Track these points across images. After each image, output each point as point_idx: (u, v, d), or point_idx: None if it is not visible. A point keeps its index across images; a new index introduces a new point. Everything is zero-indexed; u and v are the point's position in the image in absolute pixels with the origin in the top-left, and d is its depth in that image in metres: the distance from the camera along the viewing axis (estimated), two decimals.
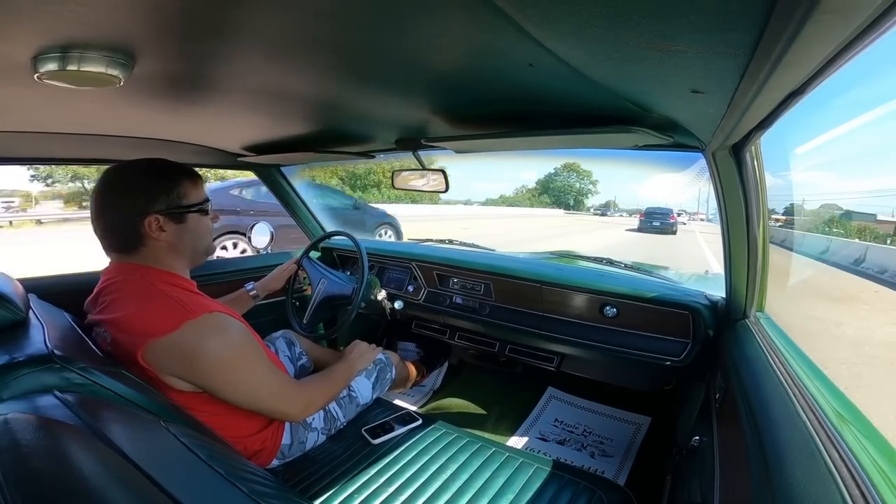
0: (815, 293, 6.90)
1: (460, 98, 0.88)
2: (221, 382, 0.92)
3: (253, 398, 0.97)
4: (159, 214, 0.94)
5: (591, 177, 51.76)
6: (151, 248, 0.95)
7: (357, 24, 0.52)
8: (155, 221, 0.93)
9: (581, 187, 52.49)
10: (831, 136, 55.97)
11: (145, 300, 0.90)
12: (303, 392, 1.06)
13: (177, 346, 0.86)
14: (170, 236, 0.96)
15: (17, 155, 1.29)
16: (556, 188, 51.99)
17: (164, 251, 0.96)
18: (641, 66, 0.55)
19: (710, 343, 1.28)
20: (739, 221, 0.98)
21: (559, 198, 49.66)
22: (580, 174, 51.44)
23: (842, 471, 0.47)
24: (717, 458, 0.82)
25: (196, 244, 1.02)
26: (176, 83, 0.79)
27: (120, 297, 0.92)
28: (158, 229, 0.94)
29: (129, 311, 0.89)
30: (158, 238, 0.94)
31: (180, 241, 0.98)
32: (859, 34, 0.36)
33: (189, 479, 0.59)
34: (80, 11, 0.48)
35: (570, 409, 1.86)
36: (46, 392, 0.62)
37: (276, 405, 1.01)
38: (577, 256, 1.91)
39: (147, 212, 0.93)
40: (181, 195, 0.97)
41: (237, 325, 0.96)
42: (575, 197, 51.73)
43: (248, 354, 0.96)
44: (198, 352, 0.87)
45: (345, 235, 1.69)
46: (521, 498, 1.00)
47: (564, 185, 51.92)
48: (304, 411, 1.07)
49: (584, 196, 52.34)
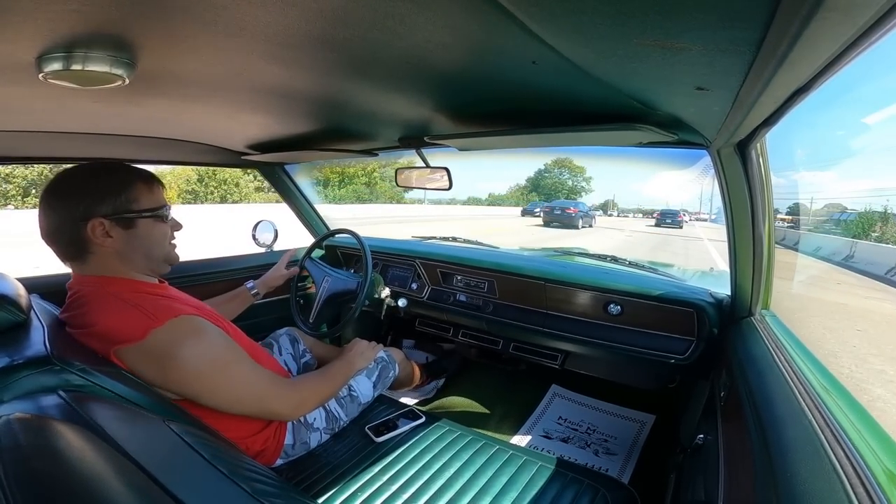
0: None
1: (463, 96, 0.88)
2: (200, 389, 0.88)
3: (236, 402, 0.93)
4: (104, 218, 0.87)
5: (584, 173, 49.71)
6: (100, 256, 0.89)
7: (360, 21, 0.52)
8: (100, 226, 0.87)
9: (574, 185, 50.23)
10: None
11: (108, 311, 0.85)
12: (293, 390, 1.04)
13: (146, 357, 0.82)
14: (116, 243, 0.89)
15: (21, 154, 1.29)
16: (546, 186, 49.88)
17: (113, 259, 0.90)
18: (645, 63, 0.54)
19: (715, 341, 1.27)
20: (745, 219, 0.97)
21: (550, 196, 47.35)
22: (573, 170, 49.47)
23: (846, 469, 0.47)
24: (722, 456, 0.82)
25: (149, 252, 0.94)
26: (179, 82, 0.79)
27: (84, 311, 0.86)
28: (104, 235, 0.87)
29: (96, 325, 0.83)
30: (104, 244, 0.88)
31: (129, 248, 0.91)
32: (865, 32, 0.35)
33: (192, 478, 0.59)
34: (83, 11, 0.49)
35: (574, 406, 1.86)
36: (48, 392, 0.62)
37: (265, 406, 0.98)
38: (580, 254, 1.90)
39: (89, 215, 0.86)
40: (131, 199, 0.90)
41: (209, 328, 0.92)
42: (567, 195, 49.09)
43: (226, 357, 0.92)
44: (169, 359, 0.84)
45: (348, 233, 1.70)
46: (524, 496, 1.00)
47: (556, 182, 49.94)
48: (297, 410, 1.04)
49: (577, 194, 49.75)
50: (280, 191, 1.99)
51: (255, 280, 1.54)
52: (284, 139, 1.41)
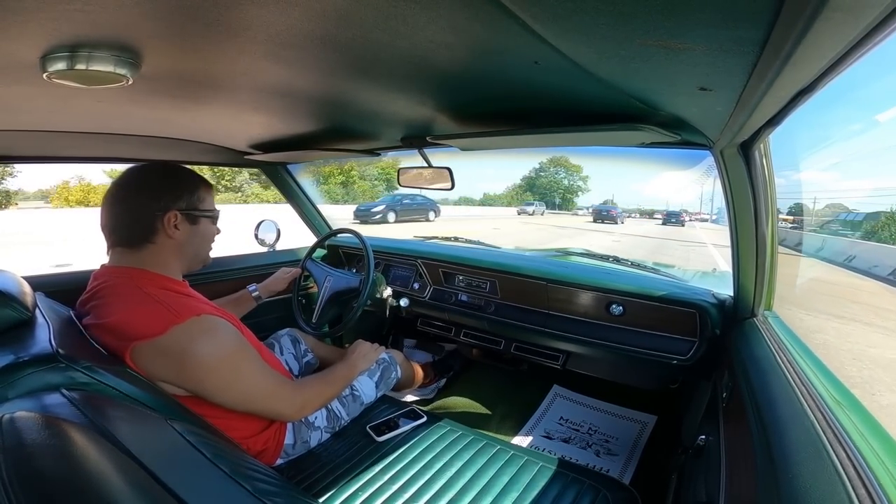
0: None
1: (466, 96, 0.87)
2: (212, 386, 0.91)
3: (246, 399, 0.97)
4: (179, 212, 0.97)
5: (580, 172, 48.42)
6: (158, 246, 0.96)
7: (362, 21, 0.52)
8: (174, 217, 0.96)
9: (571, 184, 48.94)
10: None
11: (132, 304, 0.88)
12: (298, 392, 1.06)
13: (164, 351, 0.85)
14: (182, 235, 0.98)
15: (25, 154, 1.30)
16: (541, 185, 48.59)
17: (170, 251, 0.98)
18: (648, 63, 0.54)
19: (717, 342, 1.27)
20: (748, 219, 0.97)
21: (545, 196, 46.25)
22: (569, 169, 48.09)
23: (848, 470, 0.47)
24: (724, 457, 0.82)
25: (200, 249, 1.05)
26: (183, 82, 0.80)
27: (107, 301, 0.90)
28: (174, 227, 0.96)
29: (116, 315, 0.87)
30: (172, 235, 0.96)
31: (189, 242, 1.00)
32: (869, 32, 0.35)
33: (194, 477, 0.59)
34: (87, 11, 0.49)
35: (576, 407, 1.86)
36: (52, 390, 0.62)
37: (271, 406, 1.01)
38: (583, 254, 1.90)
39: (170, 207, 0.96)
40: (200, 199, 1.01)
41: (227, 327, 0.95)
42: (563, 195, 48.23)
43: (239, 356, 0.95)
44: (186, 356, 0.86)
45: (350, 233, 1.70)
46: (525, 496, 1.00)
47: (551, 181, 48.57)
48: (300, 411, 1.07)
49: (574, 194, 48.74)
50: (283, 190, 1.99)
51: (258, 284, 1.55)
52: (287, 139, 1.41)
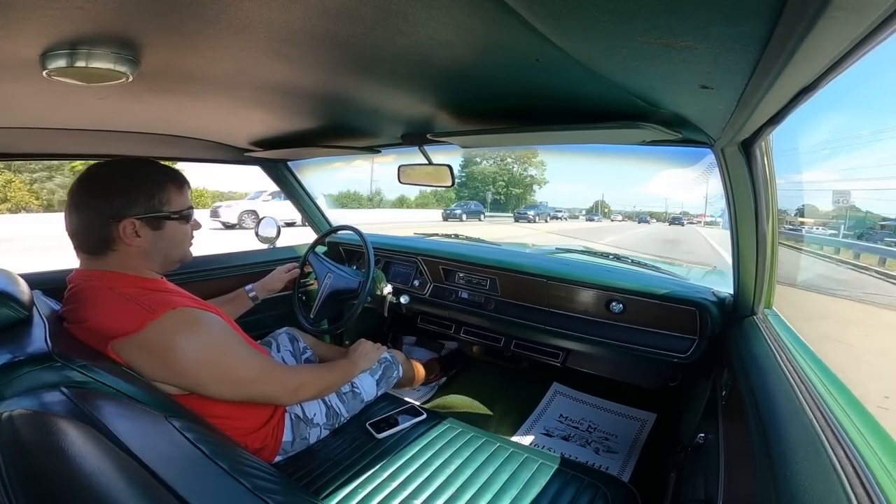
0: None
1: (466, 93, 0.87)
2: (205, 378, 0.89)
3: (238, 386, 0.95)
4: (136, 219, 0.89)
5: (533, 158, 37.05)
6: (121, 253, 0.90)
7: (364, 18, 0.51)
8: (130, 226, 0.88)
9: (521, 174, 38.12)
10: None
11: (104, 304, 0.85)
12: (292, 375, 1.05)
13: (146, 348, 0.83)
14: (144, 242, 0.91)
15: (26, 151, 1.30)
16: (476, 178, 36.99)
17: (135, 257, 0.92)
18: (649, 61, 0.54)
19: (717, 340, 1.27)
20: (748, 218, 0.97)
21: (478, 192, 35.48)
22: (520, 158, 36.96)
23: (846, 469, 0.47)
24: (722, 455, 0.82)
25: (170, 252, 0.97)
26: (183, 79, 0.79)
27: (81, 305, 0.86)
28: (133, 234, 0.89)
29: (93, 319, 0.84)
30: (131, 244, 0.89)
31: (154, 248, 0.93)
32: (872, 31, 0.35)
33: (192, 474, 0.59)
34: (87, 9, 0.49)
35: (576, 404, 1.86)
36: (50, 389, 0.63)
37: (264, 388, 0.99)
38: (583, 251, 1.90)
39: (123, 215, 0.88)
40: (163, 201, 0.92)
41: (207, 316, 0.92)
42: (505, 189, 37.22)
43: (225, 343, 0.93)
44: (170, 351, 0.84)
45: (351, 230, 1.70)
46: (525, 493, 1.00)
47: (495, 171, 37.36)
48: (295, 394, 1.06)
49: (524, 188, 38.13)
50: (283, 187, 1.99)
51: (254, 283, 1.54)
52: (288, 136, 1.41)
